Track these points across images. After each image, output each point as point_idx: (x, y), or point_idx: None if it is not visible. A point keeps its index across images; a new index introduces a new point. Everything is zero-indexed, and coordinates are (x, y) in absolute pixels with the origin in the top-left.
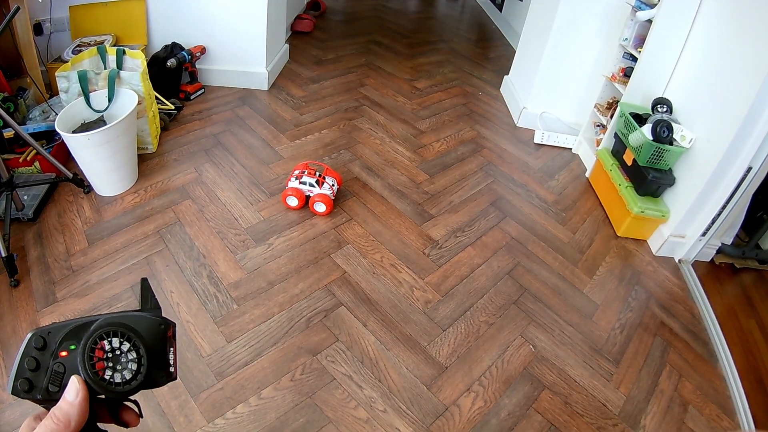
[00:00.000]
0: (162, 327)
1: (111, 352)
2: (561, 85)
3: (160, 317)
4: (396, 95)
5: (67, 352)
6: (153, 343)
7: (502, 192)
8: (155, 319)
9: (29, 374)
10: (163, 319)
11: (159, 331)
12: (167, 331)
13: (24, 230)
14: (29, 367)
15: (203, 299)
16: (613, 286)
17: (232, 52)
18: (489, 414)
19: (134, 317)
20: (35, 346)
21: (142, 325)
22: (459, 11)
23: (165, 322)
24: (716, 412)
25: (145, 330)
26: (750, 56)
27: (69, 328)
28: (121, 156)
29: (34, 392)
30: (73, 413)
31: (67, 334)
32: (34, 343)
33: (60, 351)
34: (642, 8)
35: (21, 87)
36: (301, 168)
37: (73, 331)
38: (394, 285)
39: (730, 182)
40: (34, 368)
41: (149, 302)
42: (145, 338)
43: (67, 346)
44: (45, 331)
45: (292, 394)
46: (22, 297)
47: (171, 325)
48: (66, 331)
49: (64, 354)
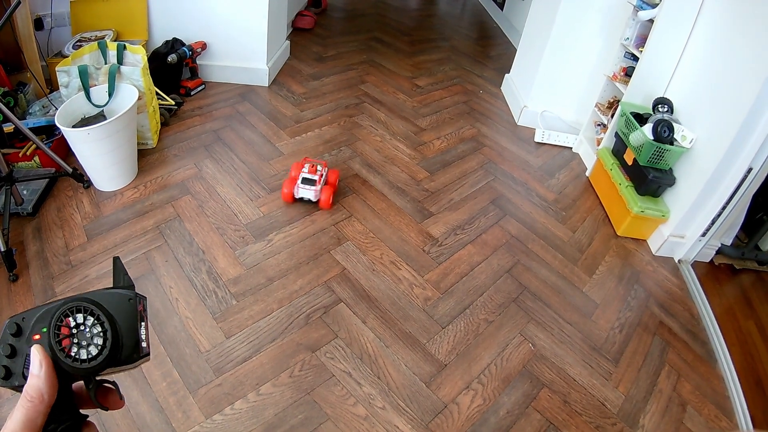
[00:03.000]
0: (130, 301)
1: (75, 328)
2: (562, 84)
3: (130, 292)
4: (397, 92)
5: (39, 335)
6: (121, 317)
7: (502, 190)
8: (123, 293)
9: (6, 361)
10: (134, 293)
11: (128, 305)
12: (137, 305)
13: (23, 225)
14: (5, 354)
15: (202, 295)
16: (613, 285)
17: (233, 49)
18: (488, 412)
19: (102, 293)
20: (10, 333)
21: (110, 300)
22: (460, 9)
23: (134, 297)
24: (714, 413)
25: (113, 305)
26: (751, 57)
27: (41, 312)
28: (121, 151)
29: (12, 379)
30: (42, 385)
31: (38, 317)
32: (9, 329)
33: (33, 335)
34: (643, 8)
35: (21, 82)
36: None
37: (45, 313)
38: (393, 282)
39: (730, 183)
40: (10, 354)
41: (122, 280)
42: (113, 313)
43: (39, 329)
44: (19, 317)
45: (290, 390)
46: (20, 291)
47: (142, 299)
48: (38, 314)
49: (36, 337)
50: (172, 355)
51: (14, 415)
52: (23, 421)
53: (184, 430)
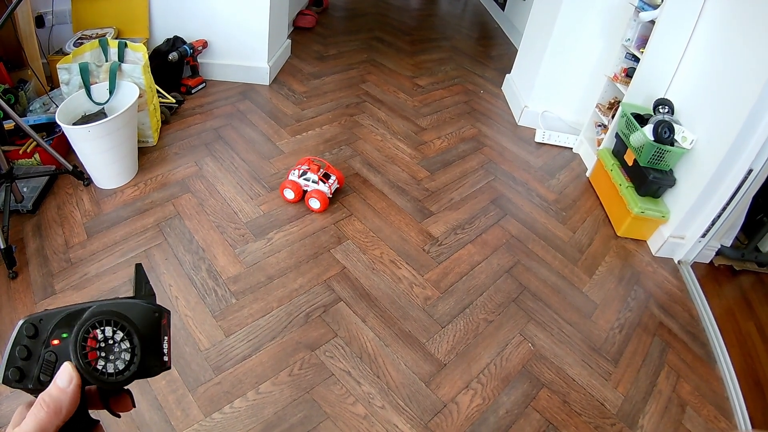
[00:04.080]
0: (156, 315)
1: (104, 342)
2: (563, 85)
3: (154, 305)
4: (397, 92)
5: (59, 341)
6: (147, 331)
7: (502, 190)
8: (149, 307)
9: (21, 363)
10: (158, 306)
11: (153, 320)
12: (161, 319)
13: (23, 222)
14: (20, 356)
15: (202, 293)
16: (613, 285)
17: (234, 47)
18: (487, 411)
19: (128, 305)
20: (26, 334)
21: (136, 313)
22: (461, 9)
23: (159, 310)
24: (714, 414)
25: (139, 318)
26: (752, 58)
27: (61, 316)
28: (122, 149)
29: (26, 381)
30: (65, 400)
31: (59, 322)
32: (26, 331)
33: (52, 339)
34: (645, 9)
35: (22, 79)
36: (304, 163)
37: (66, 318)
38: (393, 281)
39: (730, 184)
40: (26, 357)
41: (143, 289)
42: (139, 327)
43: (59, 334)
44: (37, 319)
45: (290, 389)
46: (20, 289)
47: (165, 313)
48: (58, 318)
49: (56, 342)
50: (172, 354)
51: (26, 422)
52: (35, 429)
53: (183, 429)
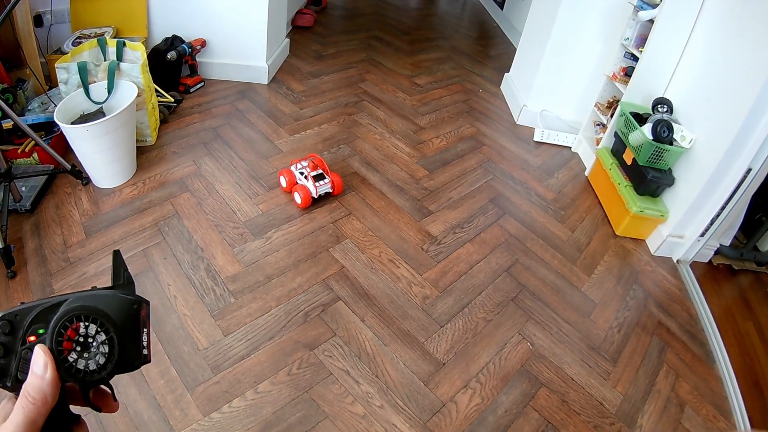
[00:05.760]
0: (135, 307)
1: (81, 337)
2: (561, 84)
3: (133, 295)
4: (396, 91)
5: (35, 337)
6: (125, 325)
7: (501, 189)
8: (128, 299)
9: None
10: (137, 297)
11: (132, 312)
12: (140, 311)
13: (21, 221)
14: None
15: (200, 292)
16: (612, 285)
17: (233, 46)
18: (486, 411)
19: (105, 297)
20: (2, 331)
21: (114, 305)
22: (460, 8)
23: (138, 302)
24: (713, 413)
25: (117, 311)
26: (751, 57)
27: (37, 311)
28: (120, 148)
29: (4, 380)
30: (46, 387)
31: (35, 317)
32: (1, 328)
33: (28, 336)
34: (644, 8)
35: (20, 78)
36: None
37: (42, 313)
38: (392, 280)
39: (729, 183)
40: (3, 354)
41: (122, 277)
42: (117, 320)
43: (35, 330)
44: (12, 314)
45: (288, 388)
46: (18, 288)
47: (144, 303)
48: (35, 313)
49: (32, 339)
50: (170, 353)
51: (13, 416)
52: (24, 422)
53: (181, 428)
